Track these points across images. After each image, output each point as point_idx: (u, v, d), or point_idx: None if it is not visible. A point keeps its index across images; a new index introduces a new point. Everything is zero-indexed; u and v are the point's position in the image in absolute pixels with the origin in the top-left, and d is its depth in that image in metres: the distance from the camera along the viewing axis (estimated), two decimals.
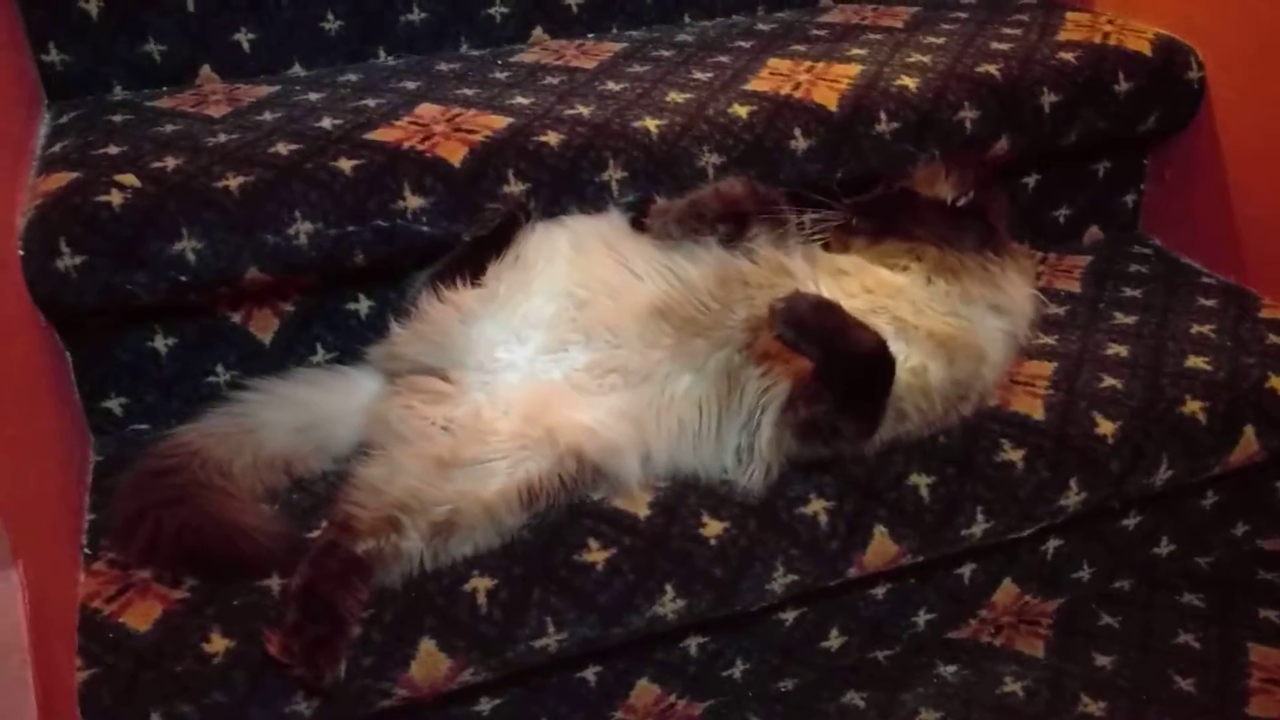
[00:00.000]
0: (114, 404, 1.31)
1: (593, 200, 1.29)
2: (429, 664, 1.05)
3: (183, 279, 1.17)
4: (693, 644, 1.22)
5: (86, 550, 1.12)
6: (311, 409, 1.24)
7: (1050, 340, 1.42)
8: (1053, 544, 1.36)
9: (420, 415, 1.16)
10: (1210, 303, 1.49)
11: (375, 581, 1.06)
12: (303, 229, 1.19)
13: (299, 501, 1.18)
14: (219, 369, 1.34)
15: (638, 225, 1.26)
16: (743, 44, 1.58)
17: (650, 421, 1.18)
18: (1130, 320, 1.46)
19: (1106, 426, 1.25)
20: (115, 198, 1.15)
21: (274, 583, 1.06)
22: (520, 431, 1.13)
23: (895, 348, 1.13)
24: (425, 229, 1.23)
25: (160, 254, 1.15)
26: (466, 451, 1.12)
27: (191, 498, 1.09)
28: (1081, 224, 1.70)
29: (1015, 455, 1.22)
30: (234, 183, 1.18)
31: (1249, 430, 1.30)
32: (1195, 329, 1.42)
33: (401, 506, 1.07)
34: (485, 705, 1.17)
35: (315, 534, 1.10)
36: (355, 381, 1.27)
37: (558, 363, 1.20)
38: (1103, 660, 1.31)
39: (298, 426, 1.22)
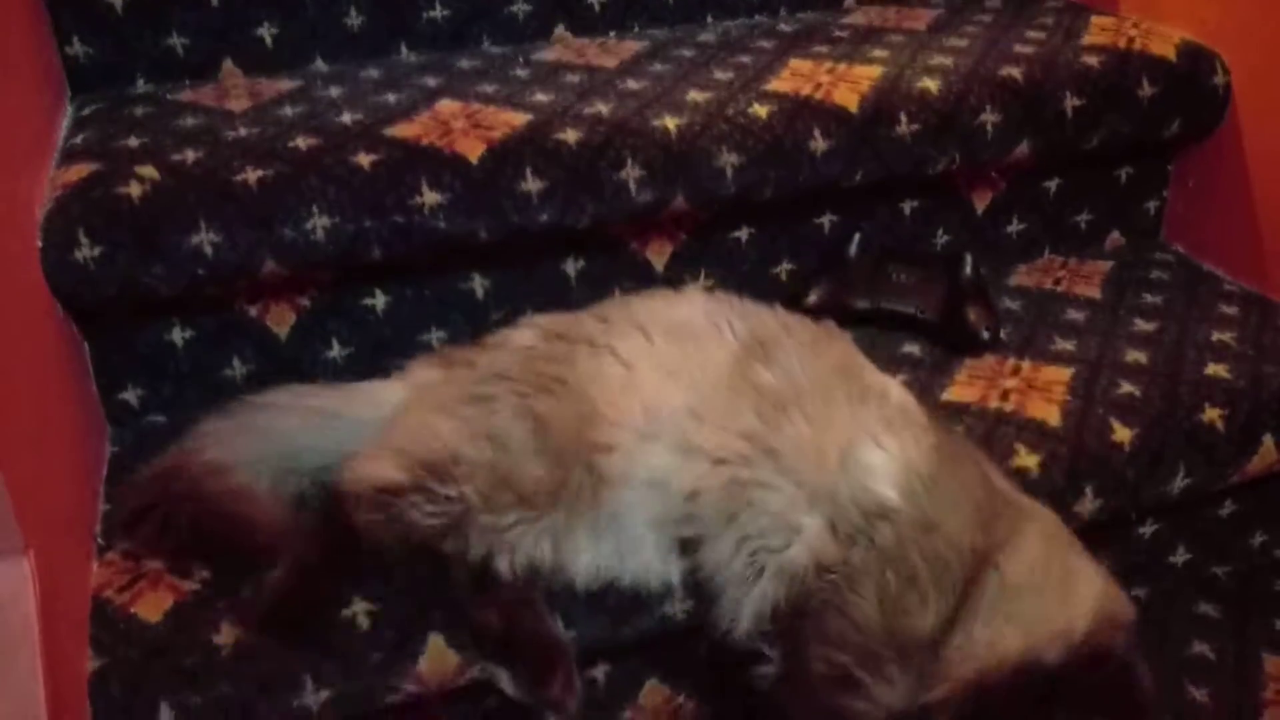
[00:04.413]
0: (131, 395, 1.32)
1: (610, 199, 1.28)
2: (438, 660, 1.05)
3: (200, 272, 1.17)
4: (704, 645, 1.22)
5: (100, 541, 1.13)
6: (331, 419, 1.19)
7: (1068, 346, 1.41)
8: None
9: None
10: (1231, 310, 1.48)
11: None
12: (320, 223, 1.19)
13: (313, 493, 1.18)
14: (235, 362, 1.34)
15: None
16: (764, 44, 1.58)
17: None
18: (1150, 327, 1.45)
19: (1123, 433, 1.24)
20: (135, 190, 1.15)
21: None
22: None
23: None
24: (442, 225, 1.23)
25: (178, 247, 1.15)
26: None
27: (204, 487, 1.09)
28: (1103, 230, 1.68)
29: (1030, 461, 1.21)
30: (253, 176, 1.18)
31: (1268, 439, 1.29)
32: (1216, 336, 1.41)
33: None
34: (494, 702, 1.17)
35: None
36: (380, 394, 1.22)
37: None
38: None
39: (316, 436, 1.18)
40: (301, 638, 1.03)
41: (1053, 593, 0.99)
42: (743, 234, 1.50)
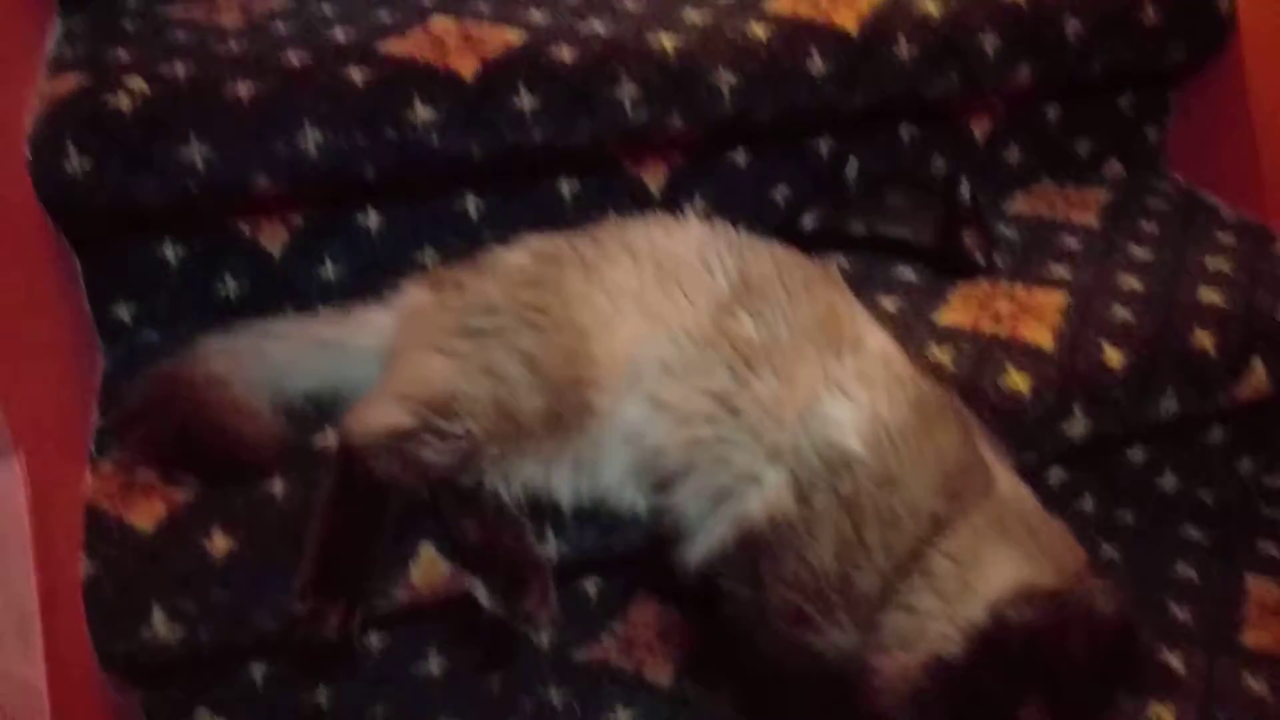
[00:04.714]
0: (123, 312, 1.32)
1: (606, 118, 1.27)
2: (429, 569, 1.06)
3: (191, 186, 1.16)
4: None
5: (94, 452, 1.13)
6: (329, 348, 1.19)
7: (1063, 272, 1.40)
8: (1056, 474, 1.36)
9: None
10: (1229, 239, 1.47)
11: None
12: (313, 139, 1.18)
13: (304, 409, 1.19)
14: (228, 280, 1.34)
15: None
16: None
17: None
18: (1146, 254, 1.44)
19: (1115, 357, 1.25)
20: (125, 102, 1.14)
21: (276, 485, 1.07)
22: None
23: None
24: (436, 143, 1.22)
25: (169, 160, 1.15)
26: None
27: (204, 397, 1.10)
28: (1102, 157, 1.67)
29: (1021, 382, 1.21)
30: (245, 91, 1.17)
31: (1258, 364, 1.29)
32: (1211, 264, 1.41)
33: None
34: (487, 614, 1.18)
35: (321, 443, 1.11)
36: (375, 320, 1.21)
37: None
38: None
39: (315, 363, 1.19)
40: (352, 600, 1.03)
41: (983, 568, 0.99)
42: (740, 157, 1.49)
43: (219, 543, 1.02)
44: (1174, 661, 1.24)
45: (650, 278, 1.08)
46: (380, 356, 1.14)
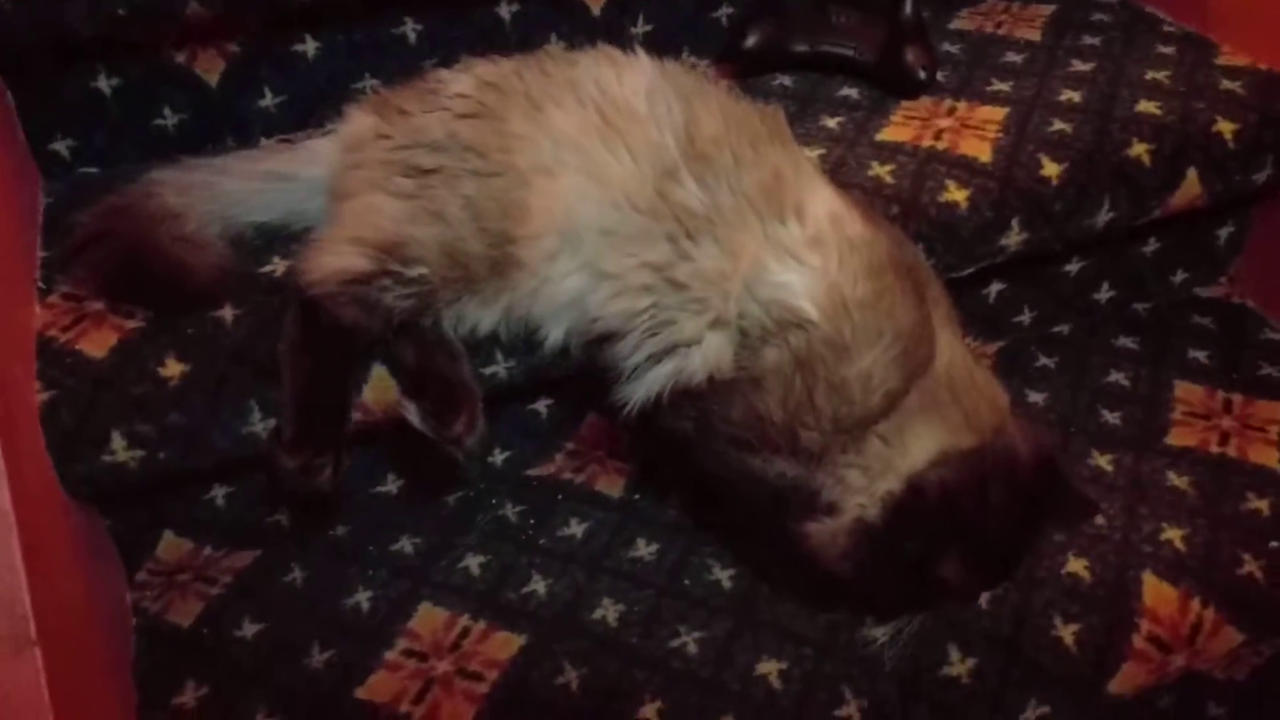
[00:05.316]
0: (61, 146, 1.30)
1: None
2: (381, 389, 1.09)
3: (120, 11, 1.14)
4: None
5: (41, 285, 1.14)
6: (279, 180, 1.18)
7: (1005, 87, 1.41)
8: (995, 287, 1.40)
9: None
10: (1169, 50, 1.48)
11: None
12: None
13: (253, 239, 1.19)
14: (166, 112, 1.32)
15: None
16: None
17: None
18: (1087, 67, 1.45)
19: (1052, 168, 1.26)
20: None
21: (226, 312, 1.08)
22: None
23: None
24: None
25: None
26: None
27: (155, 229, 1.09)
28: None
29: (959, 195, 1.23)
30: None
31: (1192, 173, 1.31)
32: (1150, 75, 1.41)
33: None
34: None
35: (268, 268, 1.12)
36: (321, 150, 1.18)
37: None
38: (1035, 397, 1.37)
39: (266, 196, 1.17)
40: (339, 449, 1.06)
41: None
42: None
43: (172, 367, 1.04)
44: (1103, 463, 1.30)
45: (595, 127, 1.05)
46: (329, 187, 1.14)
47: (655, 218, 1.02)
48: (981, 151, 1.28)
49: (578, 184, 1.04)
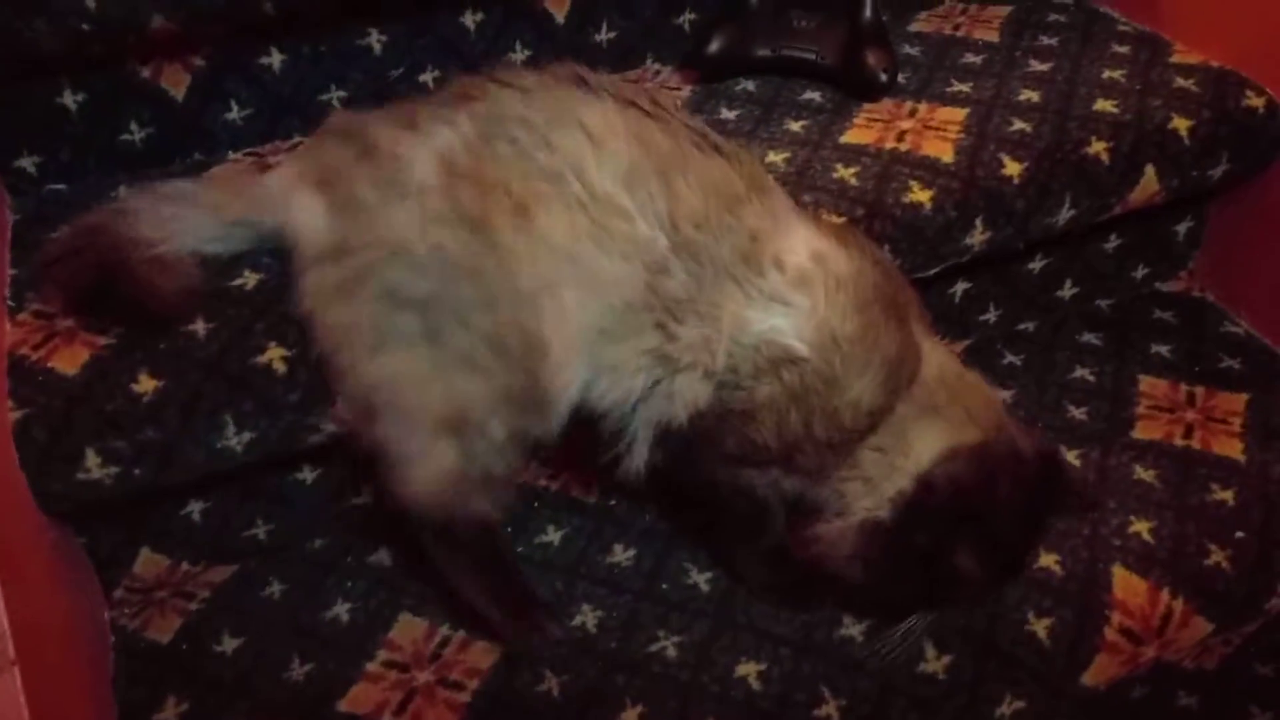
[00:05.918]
0: (27, 163, 1.29)
1: None
2: None
3: (84, 26, 1.14)
4: None
5: (10, 303, 1.13)
6: (252, 223, 1.12)
7: (965, 88, 1.43)
8: (961, 286, 1.42)
9: None
10: (1124, 49, 1.50)
11: None
12: None
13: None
14: (133, 126, 1.32)
15: None
16: None
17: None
18: (1044, 67, 1.47)
19: (1013, 167, 1.28)
20: None
21: (199, 326, 1.08)
22: None
23: None
24: None
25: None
26: None
27: (118, 256, 1.08)
28: None
29: (923, 196, 1.25)
30: None
31: (1150, 169, 1.34)
32: (1107, 74, 1.44)
33: None
34: None
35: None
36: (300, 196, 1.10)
37: None
38: (1002, 394, 1.39)
39: (239, 233, 1.13)
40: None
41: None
42: None
43: (145, 383, 1.04)
44: (1071, 458, 1.32)
45: (585, 231, 1.01)
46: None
47: (647, 310, 1.02)
48: (944, 152, 1.30)
49: (578, 298, 1.01)
